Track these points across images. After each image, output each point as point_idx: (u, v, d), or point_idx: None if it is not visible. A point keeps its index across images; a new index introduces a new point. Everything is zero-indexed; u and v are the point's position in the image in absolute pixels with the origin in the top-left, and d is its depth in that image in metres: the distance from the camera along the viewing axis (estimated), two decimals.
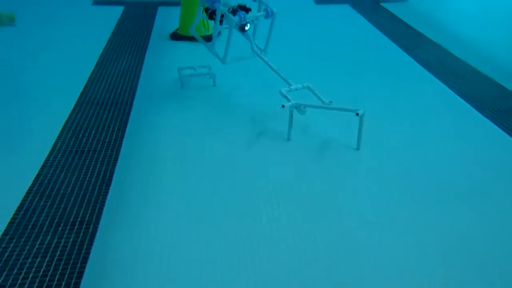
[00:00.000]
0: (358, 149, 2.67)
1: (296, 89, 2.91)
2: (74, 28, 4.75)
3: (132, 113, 3.06)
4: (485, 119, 3.08)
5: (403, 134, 2.87)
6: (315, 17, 5.34)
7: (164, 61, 3.99)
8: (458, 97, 3.39)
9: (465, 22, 5.18)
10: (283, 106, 2.65)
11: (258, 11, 3.17)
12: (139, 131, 2.85)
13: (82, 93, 3.32)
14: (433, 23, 5.12)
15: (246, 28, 3.08)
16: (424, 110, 3.19)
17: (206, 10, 3.16)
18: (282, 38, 3.33)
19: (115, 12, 5.27)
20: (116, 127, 2.87)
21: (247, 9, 3.06)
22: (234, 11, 3.00)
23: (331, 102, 2.87)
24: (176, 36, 4.49)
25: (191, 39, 4.39)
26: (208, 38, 3.40)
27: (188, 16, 4.42)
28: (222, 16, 3.01)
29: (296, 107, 2.78)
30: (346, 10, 5.63)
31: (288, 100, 2.75)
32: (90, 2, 5.71)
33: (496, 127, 2.98)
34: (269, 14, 3.08)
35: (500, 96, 3.41)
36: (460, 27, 4.98)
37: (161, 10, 5.43)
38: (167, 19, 5.07)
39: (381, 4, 5.88)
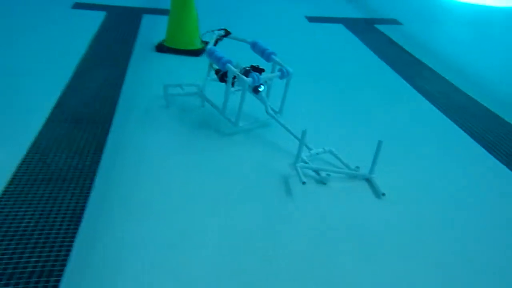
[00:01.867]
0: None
1: (317, 154, 2.65)
2: (51, 33, 4.36)
3: (110, 133, 2.72)
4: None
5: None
6: (310, 37, 5.10)
7: (149, 75, 3.65)
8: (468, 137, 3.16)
9: (465, 51, 5.02)
10: (303, 183, 2.35)
11: (272, 71, 2.97)
12: (118, 155, 2.52)
13: (56, 107, 2.95)
14: (431, 50, 4.95)
15: (260, 89, 2.84)
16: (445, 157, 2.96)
17: (217, 72, 2.95)
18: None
19: (96, 18, 4.91)
20: (92, 150, 2.52)
21: (260, 70, 2.85)
22: (246, 72, 2.78)
23: (358, 168, 2.54)
24: (162, 48, 4.17)
25: (179, 52, 4.08)
26: (196, 52, 3.07)
27: (177, 27, 4.11)
28: (234, 77, 2.79)
29: (317, 173, 2.51)
30: (341, 30, 5.42)
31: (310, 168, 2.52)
32: (69, 5, 5.32)
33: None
34: (284, 74, 2.85)
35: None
36: (460, 56, 4.81)
37: (146, 18, 5.09)
38: (153, 28, 4.74)
39: (375, 26, 5.71)
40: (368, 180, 2.50)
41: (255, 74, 2.72)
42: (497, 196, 2.51)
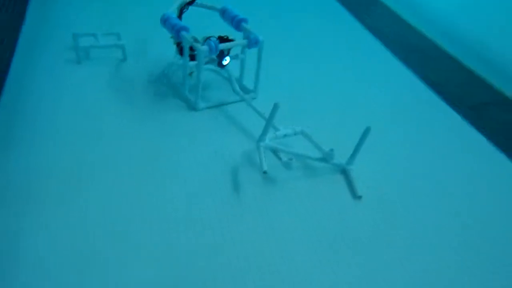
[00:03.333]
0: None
1: (284, 136, 2.10)
2: None
3: (4, 94, 2.32)
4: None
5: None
6: None
7: (55, 18, 3.10)
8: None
9: None
10: (264, 172, 1.86)
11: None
12: (15, 123, 2.13)
13: None
14: None
15: (224, 62, 2.37)
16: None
17: (178, 44, 2.50)
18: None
19: None
20: None
21: (229, 41, 2.37)
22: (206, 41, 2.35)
23: (332, 150, 2.03)
24: None
25: None
26: None
27: None
28: (192, 50, 2.33)
29: (278, 156, 2.04)
30: None
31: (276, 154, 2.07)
32: None
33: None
34: (251, 42, 2.32)
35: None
36: None
37: None
38: None
39: None
40: (345, 172, 1.97)
41: (212, 41, 2.25)
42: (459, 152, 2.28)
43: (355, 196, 1.91)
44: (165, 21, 2.40)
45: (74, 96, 2.38)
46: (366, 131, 1.91)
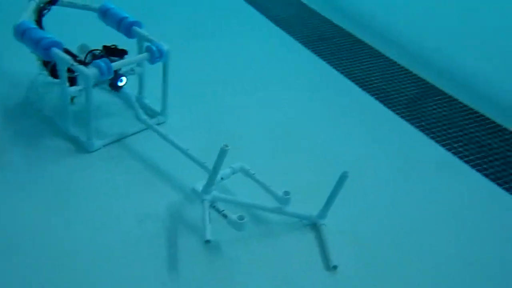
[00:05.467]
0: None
1: (222, 179, 1.58)
2: None
3: None
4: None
5: None
6: None
7: None
8: None
9: None
10: (208, 241, 1.35)
11: (139, 52, 1.87)
12: None
13: None
14: None
15: (120, 84, 1.77)
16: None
17: (45, 63, 1.82)
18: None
19: None
20: None
21: (120, 53, 1.79)
22: (93, 57, 1.73)
23: (287, 193, 1.54)
24: None
25: None
26: None
27: None
28: (71, 71, 1.68)
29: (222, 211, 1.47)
30: None
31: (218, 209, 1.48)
32: None
33: None
34: (155, 55, 1.73)
35: None
36: None
37: None
38: None
39: None
40: (316, 227, 1.58)
41: (102, 61, 1.62)
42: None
43: (329, 266, 1.44)
44: (22, 34, 1.67)
45: None
46: (343, 178, 1.46)
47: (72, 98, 1.85)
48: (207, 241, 1.35)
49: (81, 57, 1.79)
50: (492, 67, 2.66)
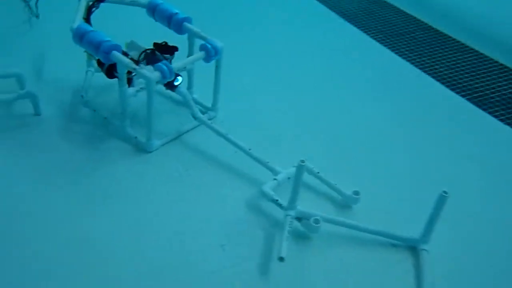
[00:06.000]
0: None
1: (288, 178, 1.59)
2: None
3: None
4: None
5: None
6: None
7: None
8: None
9: None
10: (281, 258, 1.33)
11: (190, 48, 1.86)
12: None
13: None
14: None
15: (176, 83, 1.75)
16: None
17: (100, 63, 1.77)
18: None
19: None
20: None
21: (171, 50, 1.77)
22: (149, 60, 1.69)
23: (357, 193, 1.56)
24: None
25: None
26: None
27: None
28: (131, 73, 1.69)
29: (299, 220, 1.48)
30: None
31: (281, 207, 1.50)
32: None
33: None
34: (211, 53, 1.72)
35: None
36: None
37: None
38: None
39: None
40: (415, 251, 1.46)
41: (164, 64, 1.62)
42: None
43: None
44: (81, 37, 1.65)
45: None
46: (442, 199, 1.32)
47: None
48: (281, 258, 1.34)
49: (131, 55, 1.77)
50: None
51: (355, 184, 1.62)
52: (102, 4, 1.91)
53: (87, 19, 1.88)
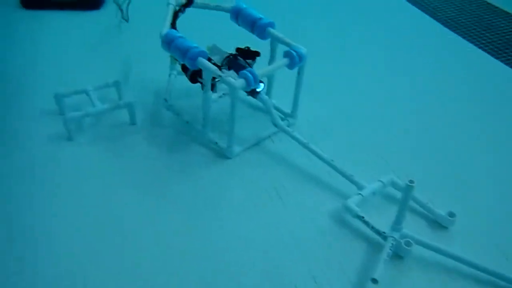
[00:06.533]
0: None
1: (374, 194, 1.55)
2: None
3: None
4: None
5: None
6: None
7: (17, 59, 2.23)
8: None
9: None
10: (374, 280, 1.27)
11: (272, 54, 1.85)
12: None
13: None
14: None
15: (259, 89, 1.73)
16: None
17: (184, 68, 1.80)
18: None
19: None
20: None
21: (252, 55, 1.78)
22: (232, 64, 1.72)
23: (453, 215, 1.47)
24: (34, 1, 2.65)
25: (63, 5, 2.65)
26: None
27: None
28: (214, 78, 1.69)
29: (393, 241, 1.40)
30: None
31: (368, 225, 1.46)
32: None
33: None
34: (295, 60, 1.68)
35: None
36: None
37: None
38: None
39: None
40: None
41: (249, 71, 1.60)
42: None
43: None
44: (169, 44, 1.68)
45: (70, 194, 1.60)
46: None
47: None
48: (374, 280, 1.27)
49: (214, 59, 1.78)
50: None
51: (450, 203, 1.50)
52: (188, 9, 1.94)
53: (173, 23, 1.92)
